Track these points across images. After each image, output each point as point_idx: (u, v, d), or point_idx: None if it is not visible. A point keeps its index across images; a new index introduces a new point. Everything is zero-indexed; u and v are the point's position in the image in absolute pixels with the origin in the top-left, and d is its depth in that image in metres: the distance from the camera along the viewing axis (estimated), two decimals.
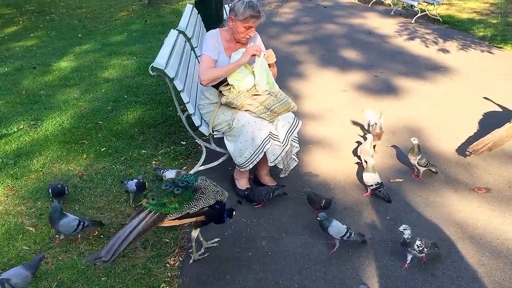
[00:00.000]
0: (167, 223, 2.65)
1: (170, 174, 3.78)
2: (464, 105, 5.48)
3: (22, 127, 5.10)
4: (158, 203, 2.57)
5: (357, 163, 4.21)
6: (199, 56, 4.99)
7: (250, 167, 3.61)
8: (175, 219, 2.65)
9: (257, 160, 3.54)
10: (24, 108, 5.70)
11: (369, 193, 3.74)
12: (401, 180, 3.93)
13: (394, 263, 2.98)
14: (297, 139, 3.71)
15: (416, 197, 3.71)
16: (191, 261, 3.03)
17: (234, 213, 3.05)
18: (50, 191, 3.59)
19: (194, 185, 2.73)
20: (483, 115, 5.16)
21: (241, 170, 3.66)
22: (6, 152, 4.53)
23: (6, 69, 7.53)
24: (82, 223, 3.10)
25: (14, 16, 12.80)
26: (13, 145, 4.66)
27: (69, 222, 3.08)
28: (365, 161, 4.06)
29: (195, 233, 2.94)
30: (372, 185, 3.66)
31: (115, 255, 2.37)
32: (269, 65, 3.59)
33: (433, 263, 2.96)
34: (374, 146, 4.27)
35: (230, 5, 3.66)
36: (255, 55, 3.44)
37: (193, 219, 2.78)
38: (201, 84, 3.52)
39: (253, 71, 3.54)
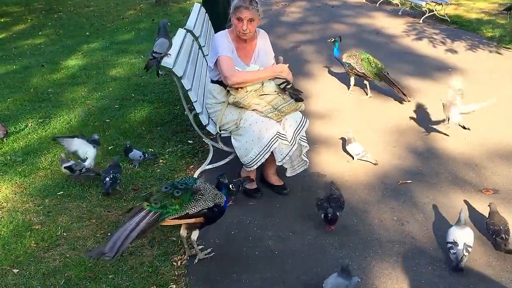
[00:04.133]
0: (167, 222, 2.68)
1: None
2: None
3: (30, 124, 5.13)
4: (160, 205, 2.60)
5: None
6: (206, 55, 5.01)
7: (255, 167, 3.60)
8: (174, 218, 2.68)
9: (263, 160, 3.54)
10: (32, 106, 5.73)
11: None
12: (409, 181, 3.92)
13: (401, 264, 2.97)
14: (306, 139, 3.71)
15: (423, 198, 3.69)
16: (195, 260, 3.04)
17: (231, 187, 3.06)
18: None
19: (193, 187, 2.76)
20: (490, 116, 5.13)
21: (247, 169, 3.67)
22: (15, 149, 4.56)
23: (14, 67, 7.58)
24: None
25: (22, 14, 12.88)
26: (21, 143, 4.69)
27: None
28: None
29: (194, 235, 2.94)
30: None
31: (119, 251, 2.40)
32: None
33: (440, 264, 2.96)
34: None
35: None
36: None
37: (192, 220, 2.79)
38: (226, 83, 3.49)
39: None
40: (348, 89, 5.95)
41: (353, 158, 4.20)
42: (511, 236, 2.97)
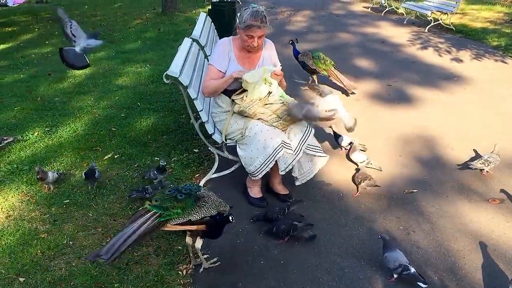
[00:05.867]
0: (169, 227, 2.67)
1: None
2: (478, 114, 5.45)
3: (37, 133, 5.15)
4: (161, 206, 2.60)
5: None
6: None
7: (260, 176, 3.61)
8: (176, 224, 2.67)
9: (268, 169, 3.54)
10: (39, 114, 5.76)
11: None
12: (415, 190, 3.91)
13: None
14: (320, 148, 3.70)
15: (429, 207, 3.68)
16: (201, 269, 3.03)
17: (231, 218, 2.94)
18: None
19: (197, 193, 2.77)
20: (497, 125, 5.12)
21: (252, 178, 3.67)
22: (21, 158, 4.58)
23: (21, 76, 7.64)
24: None
25: (30, 24, 12.99)
26: (28, 152, 4.71)
27: None
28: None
29: (198, 243, 2.93)
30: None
31: (115, 254, 2.38)
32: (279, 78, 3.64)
33: (447, 274, 2.94)
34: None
35: None
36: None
37: (194, 227, 2.78)
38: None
39: (266, 80, 3.54)
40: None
41: (357, 166, 4.19)
42: None
